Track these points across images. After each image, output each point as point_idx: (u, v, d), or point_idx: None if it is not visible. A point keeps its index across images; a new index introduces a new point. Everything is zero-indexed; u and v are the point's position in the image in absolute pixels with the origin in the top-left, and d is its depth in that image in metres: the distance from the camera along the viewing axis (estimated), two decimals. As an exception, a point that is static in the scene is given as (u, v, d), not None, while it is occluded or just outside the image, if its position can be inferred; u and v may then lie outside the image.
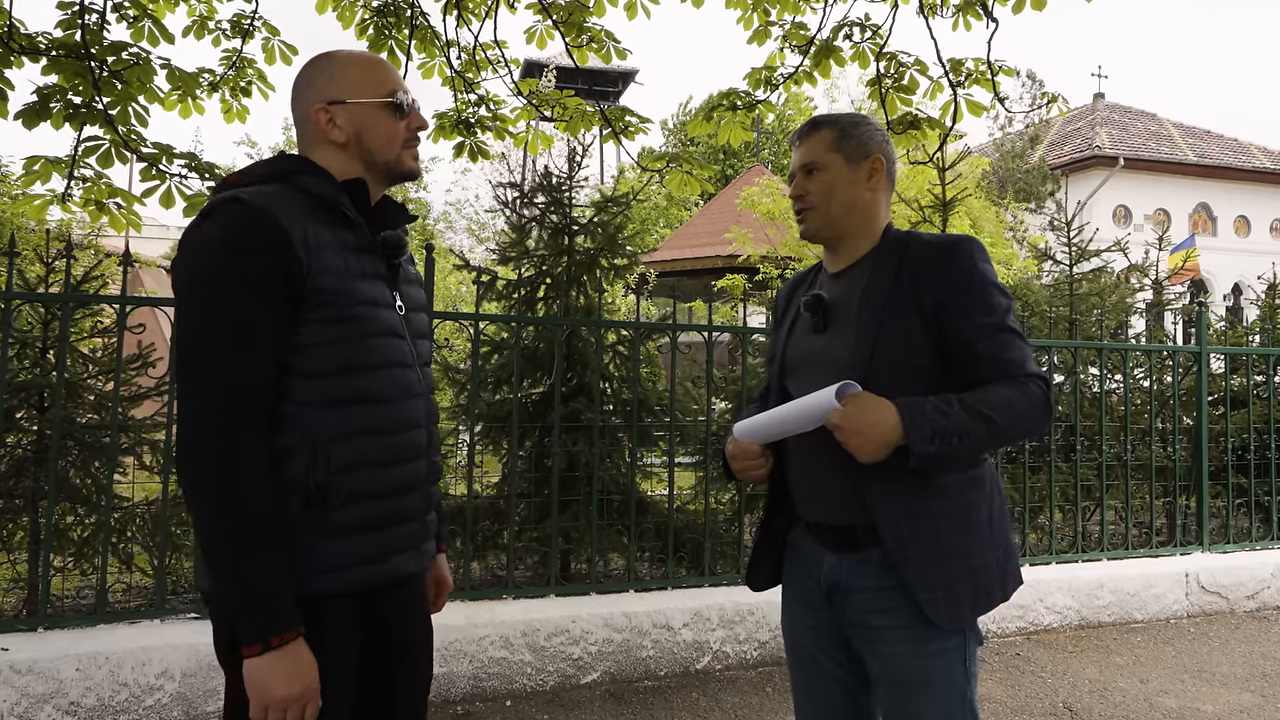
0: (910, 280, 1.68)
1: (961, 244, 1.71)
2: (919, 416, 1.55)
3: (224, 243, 1.41)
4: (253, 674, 1.36)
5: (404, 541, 1.57)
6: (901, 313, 1.67)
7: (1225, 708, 3.78)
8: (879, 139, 1.81)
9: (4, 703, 3.04)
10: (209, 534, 1.39)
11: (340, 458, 1.45)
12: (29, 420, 3.86)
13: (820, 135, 1.80)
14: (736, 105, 4.30)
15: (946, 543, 1.64)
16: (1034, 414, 1.64)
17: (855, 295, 1.75)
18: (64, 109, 3.92)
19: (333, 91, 1.57)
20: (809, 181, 1.80)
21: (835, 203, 1.77)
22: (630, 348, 4.59)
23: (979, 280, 1.67)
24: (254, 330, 1.41)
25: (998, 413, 1.59)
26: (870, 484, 1.65)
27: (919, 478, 1.62)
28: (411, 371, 1.59)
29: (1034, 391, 1.64)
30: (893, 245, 1.77)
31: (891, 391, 1.59)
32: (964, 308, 1.66)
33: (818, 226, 1.81)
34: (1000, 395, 1.61)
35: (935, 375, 1.66)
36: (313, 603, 1.43)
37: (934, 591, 1.62)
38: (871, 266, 1.76)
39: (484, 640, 3.68)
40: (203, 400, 1.40)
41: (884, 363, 1.66)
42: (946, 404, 1.58)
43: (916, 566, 1.63)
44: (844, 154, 1.78)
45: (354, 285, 1.50)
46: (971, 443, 1.59)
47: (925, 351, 1.67)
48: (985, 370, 1.65)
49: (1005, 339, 1.66)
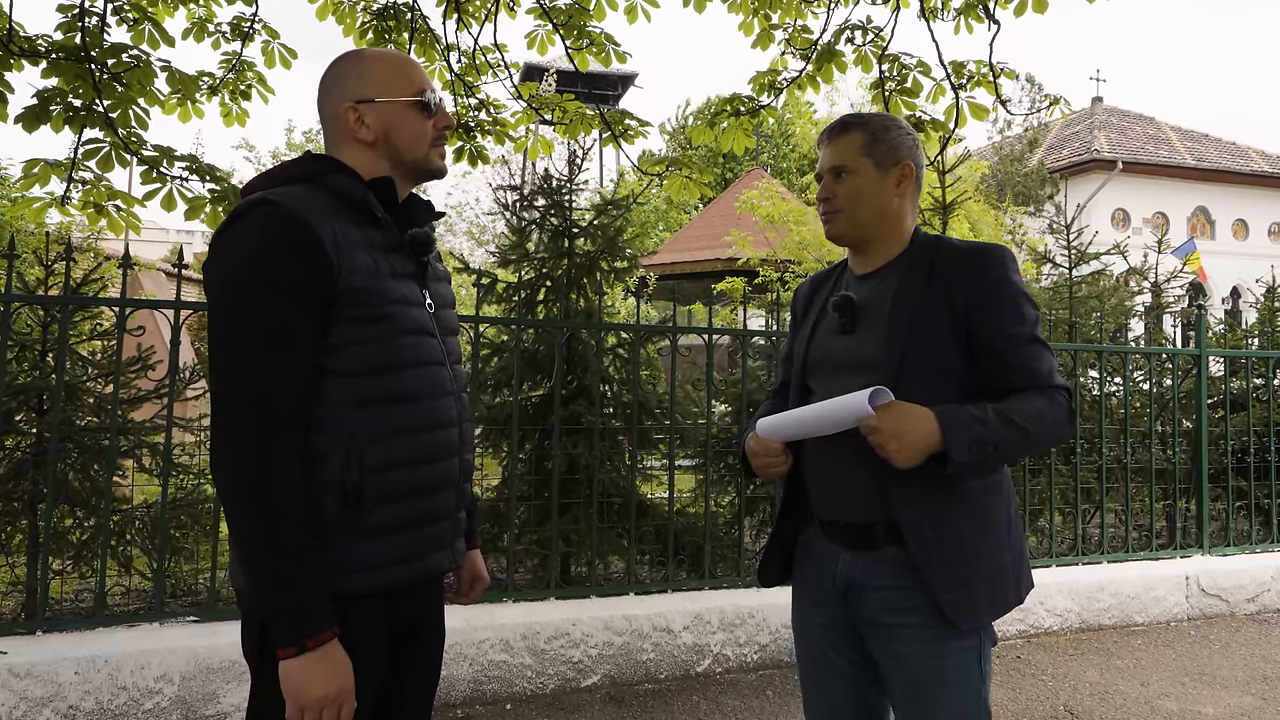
0: (942, 284, 1.70)
1: (994, 252, 1.73)
2: (957, 424, 1.57)
3: (255, 246, 1.41)
4: (289, 675, 1.36)
5: (437, 540, 1.58)
6: (933, 316, 1.68)
7: (1226, 710, 3.78)
8: (909, 144, 1.81)
9: (2, 706, 3.03)
10: (245, 537, 1.39)
11: (374, 457, 1.45)
12: (28, 423, 3.85)
13: (851, 138, 1.79)
14: (740, 110, 4.30)
15: (968, 545, 1.66)
16: (1061, 425, 1.67)
17: (886, 298, 1.75)
18: (64, 112, 3.92)
19: (362, 90, 1.57)
20: (838, 184, 1.79)
21: (864, 208, 1.78)
22: (630, 350, 4.59)
23: (1010, 289, 1.69)
24: (288, 333, 1.41)
25: (1030, 423, 1.62)
26: (895, 486, 1.65)
27: (944, 481, 1.62)
28: (443, 369, 1.59)
29: (1061, 403, 1.67)
30: (923, 249, 1.78)
31: (922, 395, 1.60)
32: (995, 316, 1.68)
33: (844, 230, 1.81)
34: (1033, 405, 1.64)
35: (964, 380, 1.68)
36: (346, 602, 1.43)
37: (955, 593, 1.63)
38: (901, 270, 1.77)
39: (484, 643, 3.68)
40: (238, 405, 1.40)
41: (914, 365, 1.67)
42: (983, 412, 1.60)
43: (940, 569, 1.64)
44: (874, 159, 1.78)
45: (385, 284, 1.50)
46: (1005, 451, 1.61)
47: (955, 356, 1.68)
48: (1014, 379, 1.67)
49: (1035, 350, 1.68)
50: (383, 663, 1.52)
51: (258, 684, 1.47)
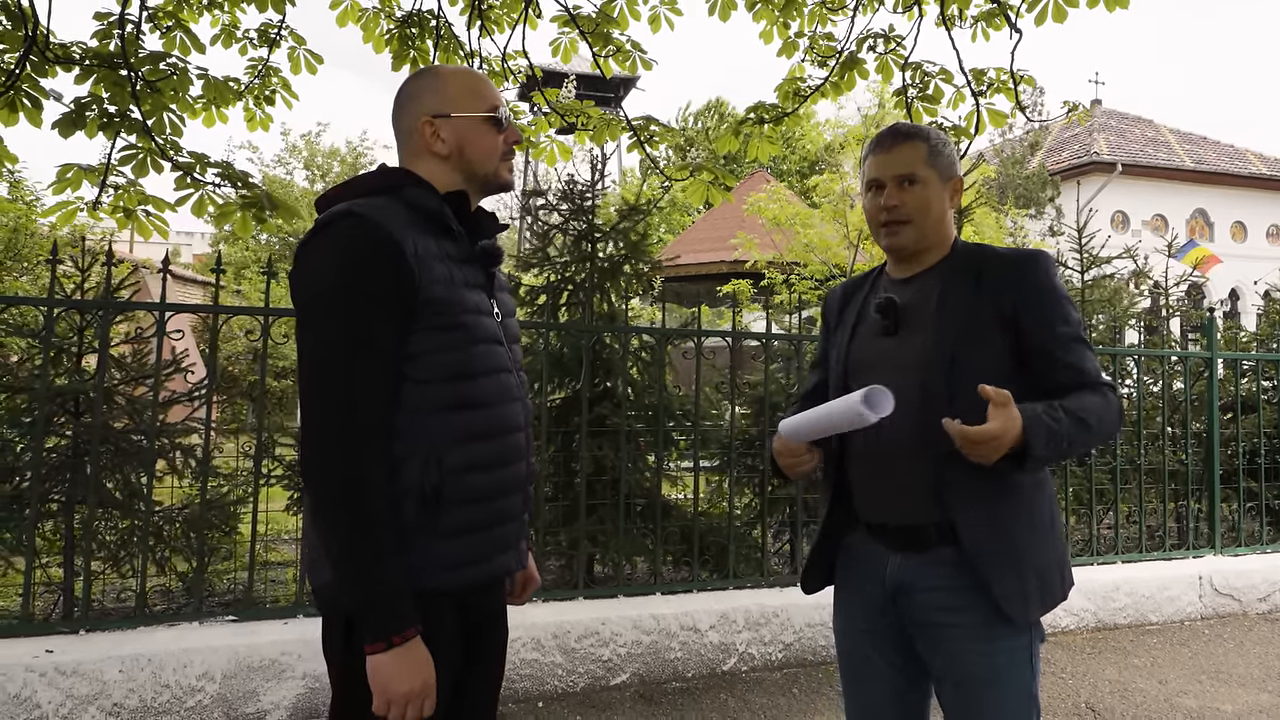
0: (991, 290, 1.74)
1: (1038, 258, 1.78)
2: (1036, 422, 1.58)
3: (343, 258, 1.47)
4: (376, 671, 1.41)
5: (506, 541, 1.63)
6: (981, 319, 1.73)
7: (1244, 708, 3.84)
8: (957, 159, 1.87)
9: (49, 704, 3.08)
10: (336, 541, 1.44)
11: (451, 461, 1.51)
12: (64, 425, 3.90)
13: (915, 147, 1.82)
14: (764, 119, 4.36)
15: (1020, 542, 1.70)
16: (1115, 419, 1.72)
17: (929, 300, 1.79)
18: (99, 118, 3.97)
19: (438, 105, 1.62)
20: (905, 194, 1.80)
21: (930, 219, 1.81)
22: (653, 353, 4.65)
23: (1055, 292, 1.74)
24: (375, 344, 1.46)
25: (1093, 418, 1.66)
26: (950, 487, 1.70)
27: (996, 477, 1.65)
28: (511, 376, 1.65)
29: (1114, 400, 1.72)
30: (967, 256, 1.82)
31: (972, 394, 1.62)
32: (1043, 317, 1.72)
33: (912, 240, 1.82)
34: (1093, 402, 1.68)
35: (1013, 379, 1.70)
36: (425, 601, 1.48)
37: (1010, 588, 1.67)
38: (945, 274, 1.81)
39: (516, 642, 3.73)
40: (327, 415, 1.45)
41: (965, 366, 1.70)
42: (1054, 409, 1.63)
43: (995, 566, 1.68)
44: (938, 170, 1.82)
45: (460, 294, 1.55)
46: (1075, 446, 1.65)
47: (1005, 356, 1.72)
48: (1063, 378, 1.71)
49: (1081, 349, 1.73)
50: (457, 660, 1.58)
51: (343, 680, 1.52)
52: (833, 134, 15.87)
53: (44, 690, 3.08)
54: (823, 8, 4.42)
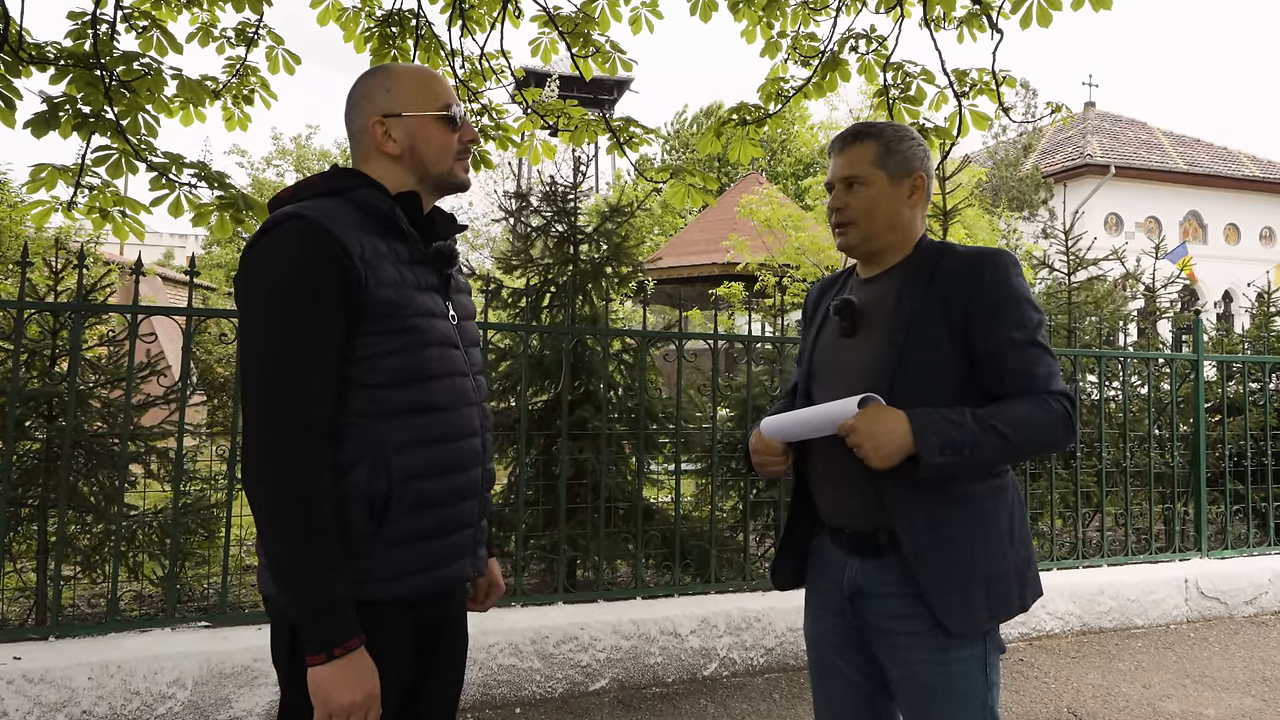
0: (941, 289, 1.70)
1: (995, 256, 1.72)
2: (929, 427, 1.57)
3: (287, 259, 1.44)
4: (317, 682, 1.38)
5: (461, 548, 1.60)
6: (931, 321, 1.69)
7: (1228, 712, 3.82)
8: (921, 155, 1.82)
9: (16, 711, 3.04)
10: (276, 546, 1.41)
11: (401, 467, 1.48)
12: (37, 429, 3.86)
13: (863, 148, 1.79)
14: (746, 120, 4.33)
15: (963, 550, 1.66)
16: (1054, 430, 1.64)
17: (886, 302, 1.76)
18: (72, 118, 3.93)
19: (389, 105, 1.59)
20: (850, 195, 1.79)
21: (877, 220, 1.78)
22: (635, 356, 4.62)
23: (1011, 294, 1.69)
24: (318, 345, 1.43)
25: (1012, 428, 1.60)
26: (892, 491, 1.67)
27: (940, 485, 1.63)
28: (467, 380, 1.62)
29: (1055, 408, 1.64)
30: (926, 255, 1.78)
31: (918, 398, 1.61)
32: (994, 320, 1.67)
33: (857, 241, 1.81)
34: (1019, 410, 1.63)
35: (961, 384, 1.68)
36: (373, 609, 1.45)
37: (948, 597, 1.64)
38: (903, 275, 1.78)
39: (493, 648, 3.69)
40: (269, 415, 1.42)
41: (911, 369, 1.67)
42: (959, 416, 1.60)
43: (934, 573, 1.64)
44: (888, 170, 1.78)
45: (410, 297, 1.52)
46: (982, 456, 1.59)
47: (952, 360, 1.68)
48: (1010, 384, 1.66)
49: (1034, 354, 1.67)
50: (408, 669, 1.55)
51: (288, 690, 1.49)
52: (825, 136, 15.88)
53: (11, 697, 3.04)
54: (805, 8, 4.40)
